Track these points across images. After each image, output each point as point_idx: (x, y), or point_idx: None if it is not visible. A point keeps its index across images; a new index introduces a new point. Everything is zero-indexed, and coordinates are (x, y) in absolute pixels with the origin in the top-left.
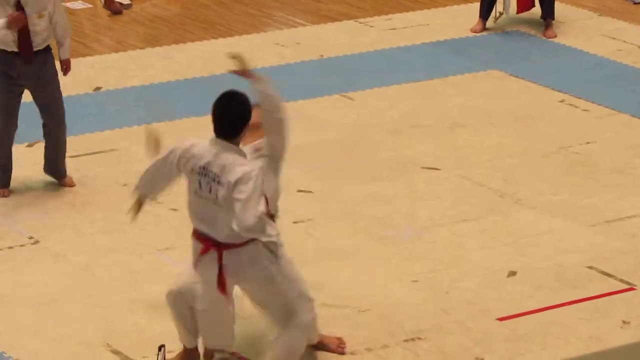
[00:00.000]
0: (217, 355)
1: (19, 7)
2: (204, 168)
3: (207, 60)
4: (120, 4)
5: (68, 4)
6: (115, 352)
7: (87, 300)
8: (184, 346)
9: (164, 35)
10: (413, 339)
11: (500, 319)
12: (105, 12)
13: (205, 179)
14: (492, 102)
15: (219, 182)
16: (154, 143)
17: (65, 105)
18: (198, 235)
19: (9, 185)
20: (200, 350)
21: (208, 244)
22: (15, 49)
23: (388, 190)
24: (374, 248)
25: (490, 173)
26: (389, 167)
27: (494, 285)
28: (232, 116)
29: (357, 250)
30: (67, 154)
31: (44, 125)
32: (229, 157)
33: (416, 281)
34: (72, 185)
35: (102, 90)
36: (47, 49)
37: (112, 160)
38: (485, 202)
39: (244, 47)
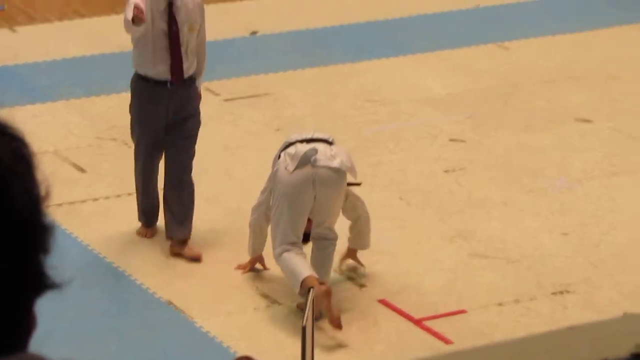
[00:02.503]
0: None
1: (171, 17)
2: None
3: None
4: None
5: None
6: (265, 296)
7: (238, 244)
8: None
9: None
10: (561, 292)
11: None
12: None
13: None
14: None
15: None
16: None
17: (221, 48)
18: None
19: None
20: None
21: None
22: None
23: (541, 141)
24: (525, 199)
25: None
26: (542, 118)
27: None
28: None
29: (508, 200)
30: (222, 97)
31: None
32: None
33: (566, 234)
34: (194, 257)
35: (258, 34)
36: (192, 79)
37: (265, 104)
38: (638, 156)
39: None
